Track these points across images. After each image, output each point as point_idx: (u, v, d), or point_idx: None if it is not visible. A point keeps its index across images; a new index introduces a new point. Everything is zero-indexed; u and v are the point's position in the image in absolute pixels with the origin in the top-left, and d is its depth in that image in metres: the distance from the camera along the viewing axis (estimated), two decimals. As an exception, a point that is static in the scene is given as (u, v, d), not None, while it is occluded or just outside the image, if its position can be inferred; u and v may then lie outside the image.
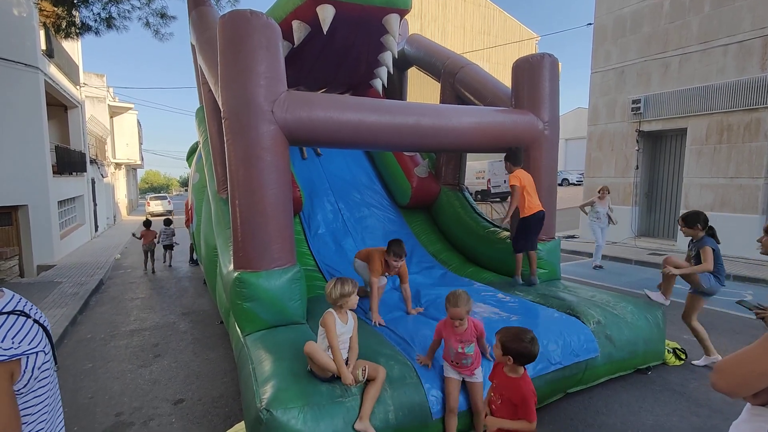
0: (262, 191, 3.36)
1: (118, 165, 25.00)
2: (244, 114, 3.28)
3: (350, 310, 2.77)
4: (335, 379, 2.68)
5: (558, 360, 3.17)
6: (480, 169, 21.52)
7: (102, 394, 3.66)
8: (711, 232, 3.77)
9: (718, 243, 3.75)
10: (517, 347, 2.11)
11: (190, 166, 8.07)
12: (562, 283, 4.65)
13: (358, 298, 2.80)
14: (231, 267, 3.62)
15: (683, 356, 4.05)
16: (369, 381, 2.60)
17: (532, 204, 4.35)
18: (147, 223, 9.30)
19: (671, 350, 4.05)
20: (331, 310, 2.72)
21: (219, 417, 3.27)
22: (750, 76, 7.98)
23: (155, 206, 25.35)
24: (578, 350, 3.29)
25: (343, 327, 2.71)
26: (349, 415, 2.47)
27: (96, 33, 9.17)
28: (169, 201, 25.86)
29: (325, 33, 4.39)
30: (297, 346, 3.11)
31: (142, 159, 31.58)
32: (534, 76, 4.53)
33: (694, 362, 3.99)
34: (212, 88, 4.32)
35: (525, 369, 2.20)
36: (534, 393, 2.12)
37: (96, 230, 15.62)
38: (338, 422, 2.44)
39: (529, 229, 4.42)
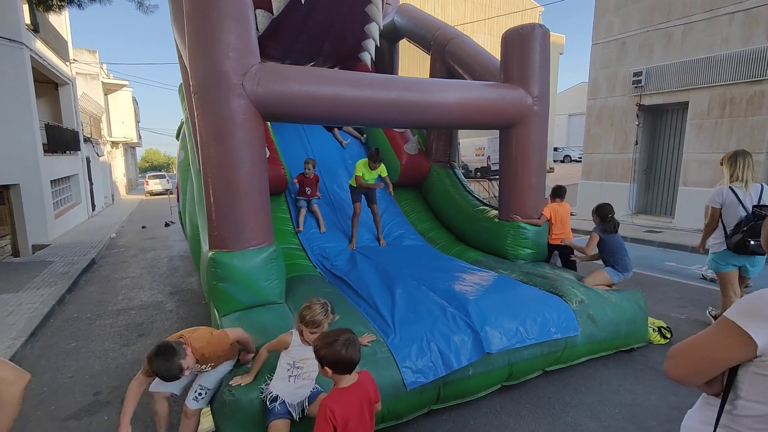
0: (234, 169, 3.26)
1: (114, 143, 24.79)
2: (213, 88, 3.15)
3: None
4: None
5: (534, 335, 3.12)
6: (480, 146, 21.20)
7: (82, 374, 3.67)
8: (612, 224, 4.06)
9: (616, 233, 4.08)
10: (328, 352, 1.77)
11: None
12: (549, 263, 4.58)
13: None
14: (207, 247, 3.57)
15: (668, 335, 4.01)
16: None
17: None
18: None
19: (656, 329, 4.01)
20: (292, 332, 2.36)
21: (196, 396, 3.26)
22: (755, 46, 7.67)
23: (154, 185, 25.34)
24: (556, 327, 3.24)
25: (303, 351, 2.28)
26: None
27: (79, 6, 8.87)
28: (167, 180, 25.78)
29: (303, 2, 4.19)
30: (271, 327, 3.09)
31: (140, 137, 31.31)
32: (524, 49, 4.32)
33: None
34: (185, 61, 4.15)
35: (347, 384, 1.81)
36: (328, 415, 1.70)
37: (93, 209, 15.61)
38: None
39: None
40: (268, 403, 2.29)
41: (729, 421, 1.13)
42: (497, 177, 16.72)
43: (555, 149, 27.90)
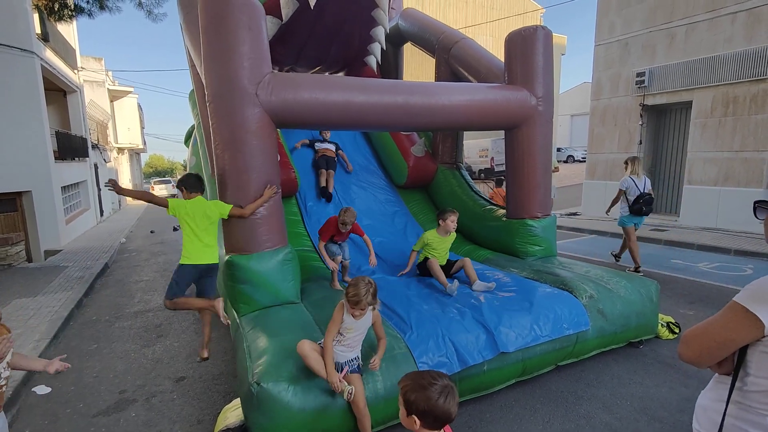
0: (248, 175, 3.36)
1: (120, 150, 25.05)
2: (228, 97, 3.26)
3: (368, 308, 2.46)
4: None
5: (547, 333, 3.21)
6: (483, 147, 21.29)
7: (106, 373, 3.78)
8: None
9: None
10: (420, 398, 1.37)
11: (188, 149, 8.07)
12: (557, 260, 4.67)
13: (363, 313, 2.43)
14: (223, 250, 3.67)
15: (677, 330, 4.08)
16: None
17: None
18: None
19: (665, 324, 4.08)
20: (343, 301, 2.48)
21: (218, 393, 3.37)
22: (758, 45, 7.74)
23: (159, 190, 25.55)
24: (568, 323, 3.33)
25: (353, 323, 2.48)
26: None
27: (89, 15, 9.05)
28: (172, 185, 26.01)
29: (312, 7, 4.31)
30: (290, 325, 3.19)
31: (145, 143, 31.57)
32: (527, 50, 4.42)
33: None
34: (198, 70, 4.28)
35: None
36: None
37: (101, 215, 15.79)
38: (327, 394, 2.52)
39: None
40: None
41: (740, 397, 1.22)
42: (500, 178, 16.62)
43: (558, 149, 27.94)
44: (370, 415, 2.54)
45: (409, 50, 7.54)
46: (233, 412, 2.77)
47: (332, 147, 6.17)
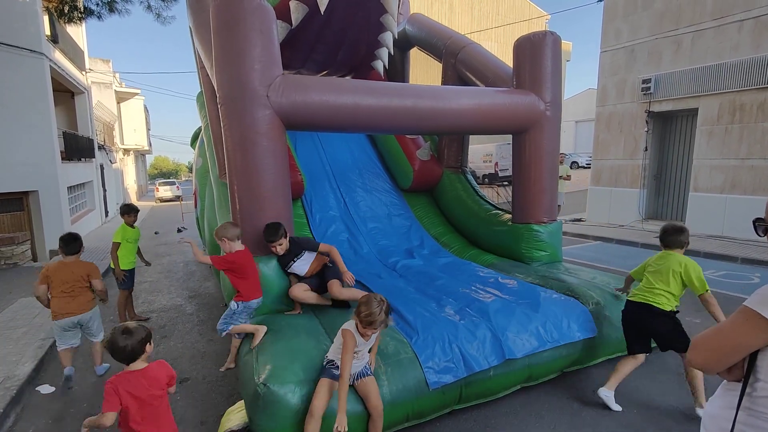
0: (258, 176, 3.37)
1: (126, 151, 25.23)
2: (239, 99, 3.28)
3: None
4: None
5: (554, 339, 3.19)
6: (487, 152, 21.33)
7: (111, 373, 3.77)
8: None
9: None
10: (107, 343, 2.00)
11: (194, 150, 8.11)
12: (563, 265, 4.64)
13: (376, 332, 2.41)
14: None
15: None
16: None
17: None
18: None
19: (671, 332, 4.04)
20: (351, 328, 2.35)
21: (222, 395, 3.36)
22: (765, 53, 7.72)
23: (164, 192, 25.71)
24: (575, 330, 3.31)
25: (363, 344, 2.44)
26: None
27: (98, 17, 9.14)
28: (177, 186, 26.15)
29: (322, 13, 4.33)
30: (296, 328, 3.18)
31: (150, 145, 31.80)
32: (536, 55, 4.43)
33: None
34: (209, 73, 4.30)
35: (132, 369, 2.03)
36: (111, 387, 1.98)
37: (106, 215, 15.87)
38: (335, 398, 2.50)
39: None
40: (325, 364, 2.56)
41: (750, 403, 1.21)
42: (505, 183, 16.65)
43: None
44: (383, 415, 2.53)
45: (415, 55, 7.58)
46: (236, 414, 2.76)
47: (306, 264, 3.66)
